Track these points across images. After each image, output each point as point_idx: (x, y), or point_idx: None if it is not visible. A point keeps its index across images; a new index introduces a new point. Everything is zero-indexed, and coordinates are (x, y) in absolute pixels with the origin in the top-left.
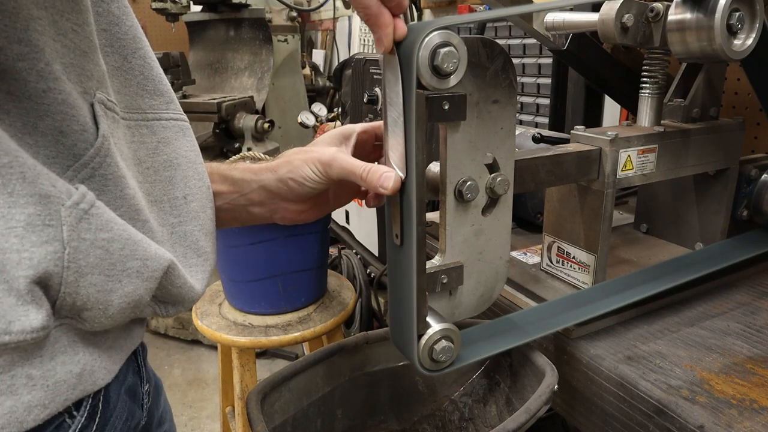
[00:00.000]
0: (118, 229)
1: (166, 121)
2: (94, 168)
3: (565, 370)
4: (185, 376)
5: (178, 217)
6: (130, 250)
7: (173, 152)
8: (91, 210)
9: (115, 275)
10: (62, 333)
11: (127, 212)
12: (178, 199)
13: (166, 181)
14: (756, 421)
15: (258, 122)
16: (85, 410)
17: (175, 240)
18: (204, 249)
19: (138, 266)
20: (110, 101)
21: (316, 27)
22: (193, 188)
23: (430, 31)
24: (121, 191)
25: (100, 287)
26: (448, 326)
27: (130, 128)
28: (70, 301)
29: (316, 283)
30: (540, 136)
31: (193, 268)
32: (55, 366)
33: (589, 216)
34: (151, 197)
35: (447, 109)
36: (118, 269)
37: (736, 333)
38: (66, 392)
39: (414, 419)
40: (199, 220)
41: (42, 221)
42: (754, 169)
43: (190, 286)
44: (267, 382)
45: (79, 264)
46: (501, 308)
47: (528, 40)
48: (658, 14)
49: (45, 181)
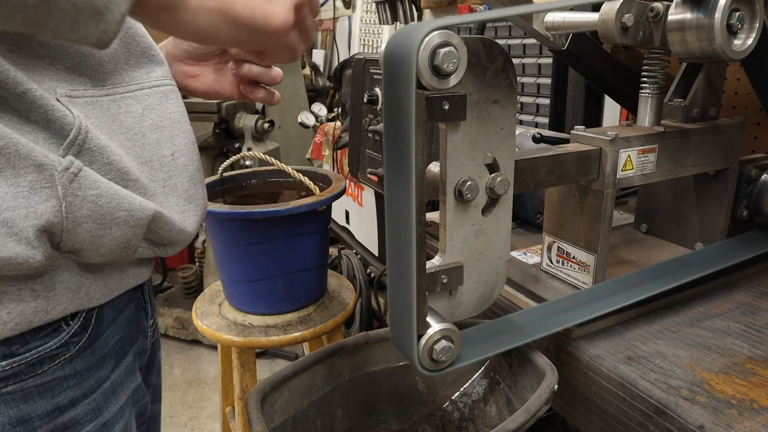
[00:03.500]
0: (105, 186)
1: (149, 89)
2: (80, 144)
3: (565, 370)
4: (185, 376)
5: (168, 173)
6: (116, 203)
7: (158, 116)
8: (80, 173)
9: (105, 223)
10: (63, 263)
11: (117, 175)
12: (166, 156)
13: (153, 142)
14: (756, 421)
15: (258, 122)
16: (79, 321)
17: (167, 192)
18: (194, 196)
19: (125, 216)
20: (75, 90)
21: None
22: (179, 145)
23: (430, 31)
24: (107, 158)
25: (93, 233)
26: (448, 326)
27: (115, 101)
28: (69, 243)
29: (316, 283)
30: (540, 136)
31: (186, 214)
32: (54, 284)
33: (589, 216)
34: (141, 159)
35: (447, 109)
36: (107, 219)
37: (736, 333)
38: (64, 303)
39: (414, 419)
40: (188, 172)
41: (41, 185)
42: (754, 169)
43: (179, 229)
44: (267, 382)
45: (75, 215)
46: (501, 308)
47: (528, 40)
48: (658, 14)
49: (38, 154)
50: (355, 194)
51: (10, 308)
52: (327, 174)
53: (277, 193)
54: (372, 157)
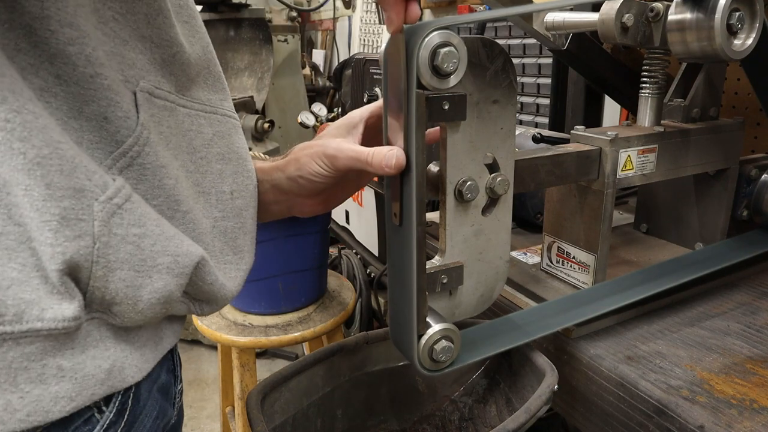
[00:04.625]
0: (151, 224)
1: (222, 116)
2: (133, 157)
3: (565, 370)
4: (185, 376)
5: (222, 212)
6: (161, 246)
7: (227, 146)
8: (125, 205)
9: (144, 271)
10: (94, 327)
11: (165, 202)
12: (225, 193)
13: (216, 173)
14: (756, 421)
15: (258, 122)
16: (114, 406)
17: (215, 234)
18: (241, 247)
19: (169, 262)
20: (159, 89)
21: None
22: (240, 185)
23: (430, 31)
24: (159, 181)
25: (129, 282)
26: (448, 326)
27: (189, 116)
28: (99, 294)
29: (316, 283)
30: (540, 136)
31: (228, 266)
32: (85, 360)
33: (589, 216)
34: (200, 188)
35: (447, 109)
36: (148, 265)
37: (736, 333)
38: (93, 387)
39: (414, 419)
40: (241, 218)
41: (75, 215)
42: (754, 169)
43: (221, 283)
44: (267, 382)
45: (109, 259)
46: (501, 308)
47: (528, 40)
48: (658, 14)
49: (81, 175)
50: (355, 194)
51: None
52: None
53: None
54: None
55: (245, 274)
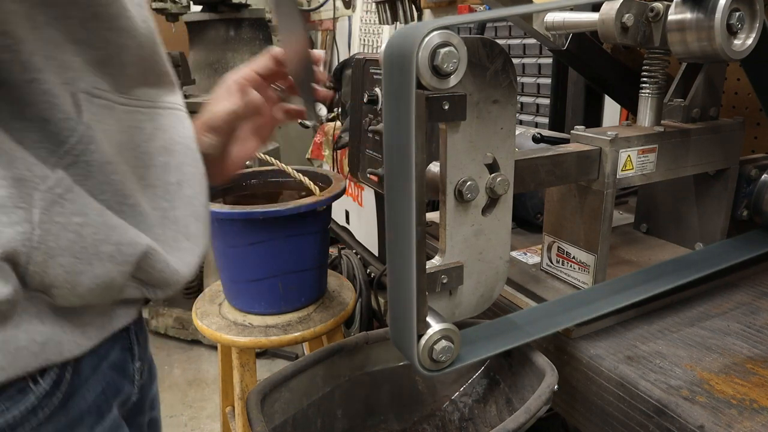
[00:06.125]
0: (94, 214)
1: (163, 109)
2: (77, 155)
3: (565, 370)
4: (185, 376)
5: (170, 202)
6: (104, 235)
7: (169, 139)
8: (67, 195)
9: (85, 258)
10: (32, 305)
11: (113, 196)
12: (172, 184)
13: (161, 166)
14: (756, 421)
15: None
16: (50, 378)
17: (166, 224)
18: (194, 234)
19: (111, 251)
20: (97, 89)
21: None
22: (187, 174)
23: (430, 31)
24: (106, 177)
25: (69, 268)
26: (448, 326)
27: (129, 113)
28: (38, 279)
29: (316, 283)
30: (540, 136)
31: (181, 252)
32: (17, 333)
33: (589, 216)
34: (145, 181)
35: (447, 109)
36: (89, 252)
37: (736, 333)
38: (27, 359)
39: (414, 419)
40: (192, 206)
41: (14, 203)
42: (754, 169)
43: (173, 270)
44: (267, 382)
45: (49, 246)
46: (501, 308)
47: (528, 40)
48: (658, 14)
49: (21, 165)
50: (355, 194)
51: None
52: (327, 174)
53: (277, 193)
54: (372, 157)
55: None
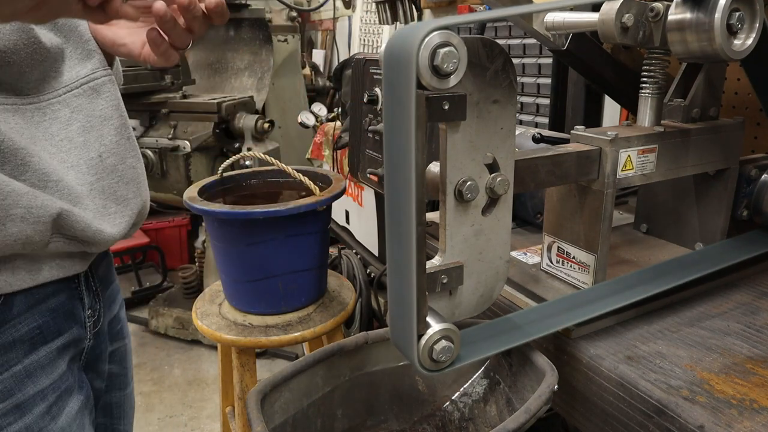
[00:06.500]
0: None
1: (78, 88)
2: None
3: (565, 370)
4: (185, 376)
5: (96, 175)
6: (12, 200)
7: (85, 117)
8: None
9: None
10: None
11: (35, 175)
12: (94, 159)
13: (80, 146)
14: (756, 421)
15: (258, 122)
16: None
17: (93, 194)
18: (124, 196)
19: (22, 213)
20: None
21: (316, 27)
22: (108, 144)
23: (430, 31)
24: (21, 160)
25: None
26: (448, 326)
27: (40, 109)
28: None
29: (316, 283)
30: (540, 136)
31: (111, 216)
32: None
33: (589, 216)
34: (67, 164)
35: (447, 109)
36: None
37: (736, 333)
38: None
39: (414, 419)
40: (117, 172)
41: None
42: (754, 169)
43: (96, 229)
44: (267, 382)
45: None
46: (501, 308)
47: (528, 40)
48: (658, 14)
49: None
50: (355, 194)
51: None
52: (327, 174)
53: (277, 193)
54: (372, 157)
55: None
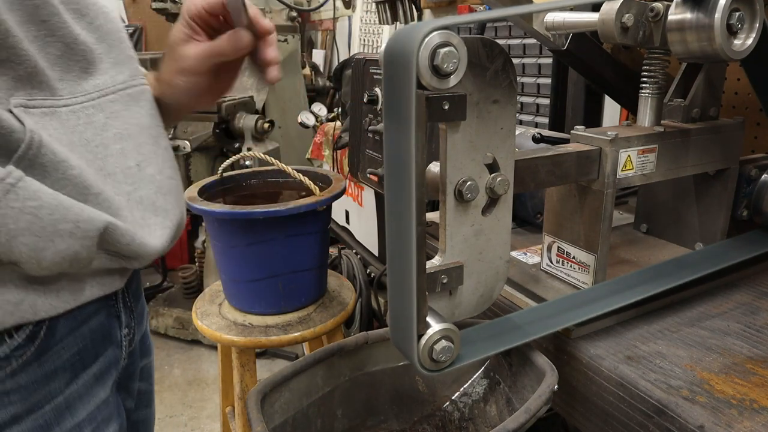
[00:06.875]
0: (48, 198)
1: (114, 94)
2: (31, 159)
3: (565, 370)
4: (185, 376)
5: (133, 185)
6: (60, 214)
7: (123, 124)
8: (19, 184)
9: (46, 236)
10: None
11: (75, 188)
12: (131, 168)
13: (117, 153)
14: (756, 421)
15: (258, 122)
16: (24, 333)
17: (132, 205)
18: (163, 207)
19: (70, 228)
20: (33, 100)
21: (316, 27)
22: (147, 154)
23: (430, 31)
24: (62, 173)
25: (32, 246)
26: (448, 326)
27: (74, 112)
28: (4, 257)
29: (316, 283)
30: (540, 136)
31: (151, 228)
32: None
33: (589, 216)
34: (104, 172)
35: (447, 109)
36: (48, 231)
37: (736, 333)
38: (2, 316)
39: (414, 419)
40: (155, 182)
41: None
42: (754, 169)
43: (140, 243)
44: (267, 382)
45: (9, 228)
46: (501, 308)
47: (528, 40)
48: (658, 14)
49: None
50: (355, 194)
51: None
52: (327, 174)
53: (277, 193)
54: (372, 157)
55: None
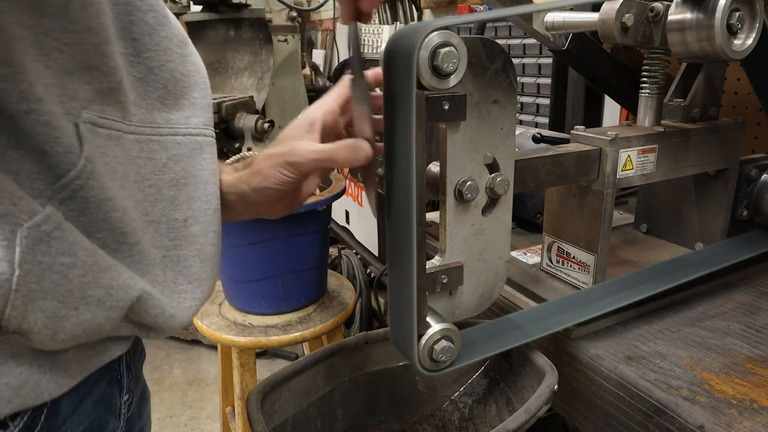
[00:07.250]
0: (83, 254)
1: (183, 136)
2: (75, 190)
3: (565, 370)
4: (185, 376)
5: (173, 240)
6: (93, 277)
7: (182, 170)
8: (55, 233)
9: (70, 302)
10: (7, 346)
11: (110, 235)
12: (178, 221)
13: (167, 201)
14: (756, 421)
15: (258, 122)
16: (21, 421)
17: (166, 264)
18: (197, 275)
19: (100, 295)
20: (104, 118)
21: (316, 27)
22: (196, 210)
23: (430, 31)
24: (104, 214)
25: (50, 313)
26: (448, 326)
27: (139, 142)
28: (15, 324)
29: (316, 283)
30: (540, 136)
31: (181, 295)
32: None
33: (589, 216)
34: (149, 217)
35: (447, 109)
36: (75, 296)
37: (736, 333)
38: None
39: (414, 419)
40: (197, 244)
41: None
42: (754, 169)
43: (169, 315)
44: (267, 382)
45: (30, 288)
46: (501, 308)
47: (528, 40)
48: (658, 14)
49: (5, 200)
50: (355, 194)
51: None
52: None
53: None
54: None
55: (201, 303)
